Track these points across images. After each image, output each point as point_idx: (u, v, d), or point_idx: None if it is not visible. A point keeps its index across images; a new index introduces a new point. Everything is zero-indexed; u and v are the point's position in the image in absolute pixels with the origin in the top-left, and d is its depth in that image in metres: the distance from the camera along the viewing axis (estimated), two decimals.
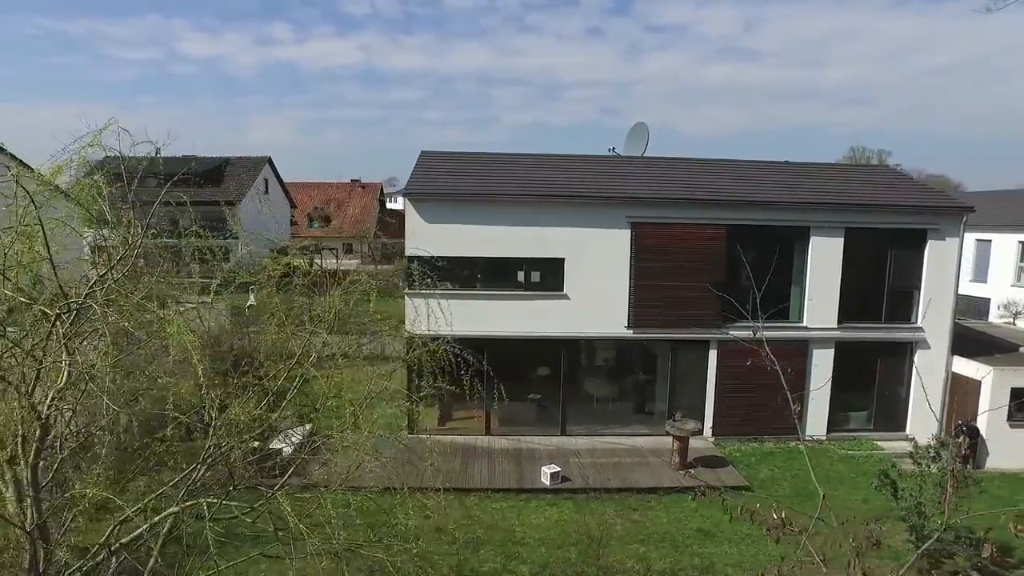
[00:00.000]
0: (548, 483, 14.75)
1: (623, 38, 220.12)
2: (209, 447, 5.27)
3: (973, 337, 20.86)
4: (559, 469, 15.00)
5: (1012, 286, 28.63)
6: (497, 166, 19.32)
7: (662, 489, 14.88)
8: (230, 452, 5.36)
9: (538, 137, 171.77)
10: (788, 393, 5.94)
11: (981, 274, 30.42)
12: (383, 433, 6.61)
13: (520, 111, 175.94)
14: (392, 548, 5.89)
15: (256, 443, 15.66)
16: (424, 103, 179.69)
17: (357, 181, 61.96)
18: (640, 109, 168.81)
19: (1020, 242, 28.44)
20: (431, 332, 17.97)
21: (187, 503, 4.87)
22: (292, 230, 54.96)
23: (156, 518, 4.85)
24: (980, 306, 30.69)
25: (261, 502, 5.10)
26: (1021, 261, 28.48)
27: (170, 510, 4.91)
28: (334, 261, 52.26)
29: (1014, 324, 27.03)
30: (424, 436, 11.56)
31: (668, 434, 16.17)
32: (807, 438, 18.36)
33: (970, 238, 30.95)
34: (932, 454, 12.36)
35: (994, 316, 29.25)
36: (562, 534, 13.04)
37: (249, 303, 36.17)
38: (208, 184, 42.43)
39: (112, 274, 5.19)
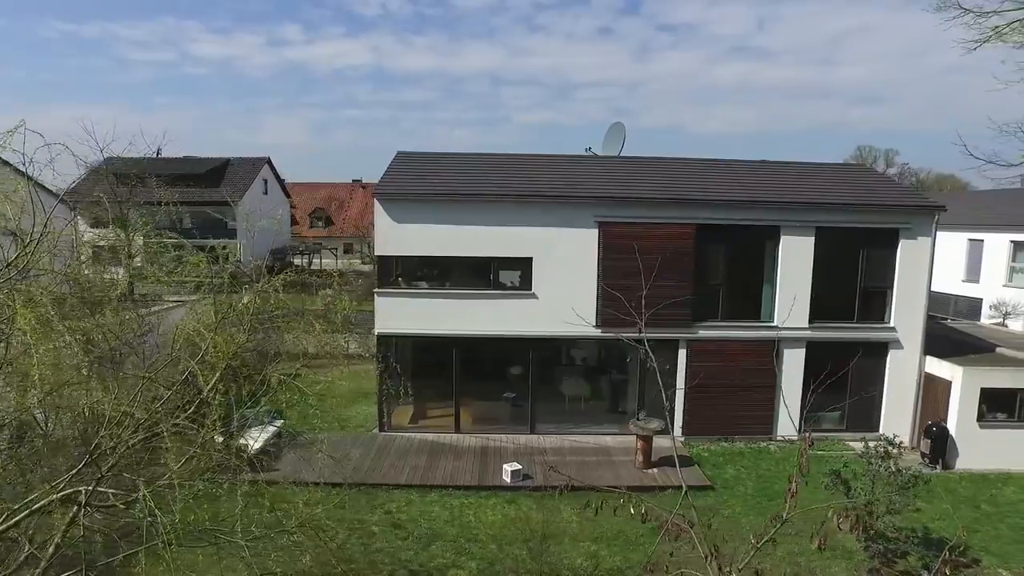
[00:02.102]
0: (509, 480, 14.87)
1: (634, 37, 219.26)
2: (97, 441, 5.45)
3: (955, 338, 20.70)
4: (520, 467, 15.11)
5: (1004, 286, 28.33)
6: (470, 166, 19.45)
7: (623, 488, 14.92)
8: (117, 446, 5.53)
9: (549, 137, 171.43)
10: (663, 389, 6.01)
11: (974, 274, 30.12)
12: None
13: (531, 111, 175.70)
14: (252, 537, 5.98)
15: (220, 438, 15.90)
16: (434, 104, 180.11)
17: (358, 181, 62.38)
18: (651, 109, 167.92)
19: (1012, 242, 28.13)
20: (401, 331, 18.23)
21: (65, 492, 5.06)
22: (293, 230, 55.52)
23: (35, 506, 5.04)
24: (973, 306, 30.42)
25: (138, 493, 5.27)
26: (1013, 261, 28.16)
27: (48, 498, 5.09)
28: (333, 260, 52.75)
29: (1004, 325, 26.74)
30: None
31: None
32: (779, 437, 18.33)
33: (963, 238, 30.74)
34: (881, 452, 12.40)
35: (987, 317, 28.97)
36: (516, 531, 13.16)
37: (243, 302, 36.54)
38: (208, 185, 43.06)
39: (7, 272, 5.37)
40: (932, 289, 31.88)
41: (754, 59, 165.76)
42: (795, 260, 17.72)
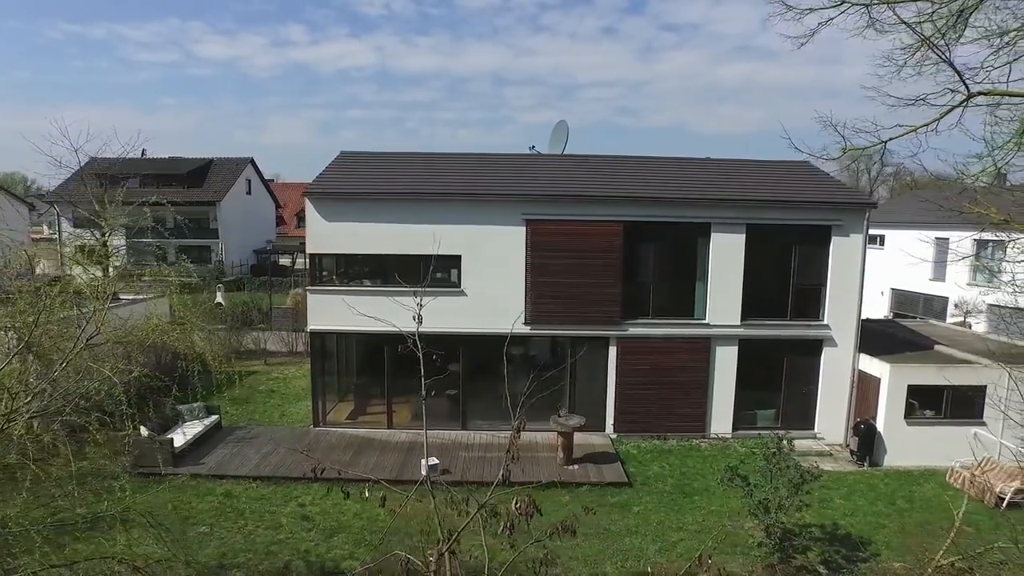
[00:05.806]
0: (425, 475, 14.99)
1: (638, 37, 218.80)
2: None
3: (901, 336, 20.59)
4: (437, 462, 15.26)
5: (968, 284, 28.12)
6: (408, 165, 19.63)
7: (540, 483, 15.01)
8: None
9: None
10: (423, 380, 6.09)
11: (940, 272, 29.88)
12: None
13: (534, 111, 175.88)
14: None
15: (146, 432, 15.99)
16: (438, 104, 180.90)
17: None
18: (655, 108, 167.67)
19: (975, 240, 27.84)
20: (332, 328, 18.38)
21: None
22: (280, 229, 56.00)
23: None
24: (942, 305, 30.21)
25: None
26: (975, 260, 27.88)
27: None
28: None
29: (967, 324, 26.52)
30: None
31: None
32: (712, 435, 18.33)
33: (930, 236, 30.47)
34: (773, 450, 12.41)
35: (951, 316, 28.75)
36: (419, 524, 13.28)
37: (217, 301, 36.64)
38: (190, 185, 43.53)
39: None
40: (903, 288, 31.86)
41: (758, 58, 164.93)
42: (726, 257, 17.73)
